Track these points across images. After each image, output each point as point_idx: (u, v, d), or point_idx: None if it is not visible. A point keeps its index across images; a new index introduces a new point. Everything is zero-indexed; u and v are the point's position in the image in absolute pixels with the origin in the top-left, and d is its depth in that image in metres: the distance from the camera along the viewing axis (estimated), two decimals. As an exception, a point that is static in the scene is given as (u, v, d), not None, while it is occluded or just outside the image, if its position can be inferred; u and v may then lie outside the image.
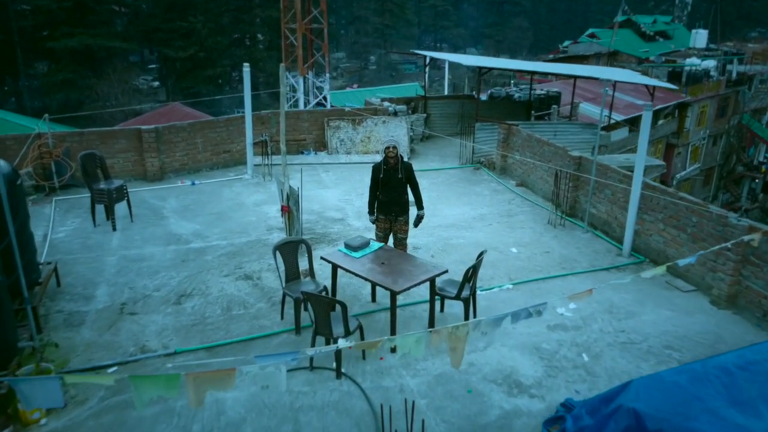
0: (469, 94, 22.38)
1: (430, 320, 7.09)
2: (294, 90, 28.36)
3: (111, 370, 6.35)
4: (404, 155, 8.71)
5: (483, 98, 20.65)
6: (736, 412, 4.35)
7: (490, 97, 21.38)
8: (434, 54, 20.46)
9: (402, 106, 17.47)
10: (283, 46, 28.72)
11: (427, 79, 22.55)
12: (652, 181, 9.38)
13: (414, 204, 8.02)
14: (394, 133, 14.96)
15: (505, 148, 13.77)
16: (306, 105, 27.81)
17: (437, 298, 7.18)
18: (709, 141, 36.34)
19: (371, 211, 8.06)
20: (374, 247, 7.41)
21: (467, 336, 4.40)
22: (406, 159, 8.14)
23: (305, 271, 7.73)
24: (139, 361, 6.52)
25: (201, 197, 12.08)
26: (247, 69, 12.47)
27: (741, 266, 7.65)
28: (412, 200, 7.97)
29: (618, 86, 27.99)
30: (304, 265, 7.61)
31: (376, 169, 7.83)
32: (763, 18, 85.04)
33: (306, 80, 28.75)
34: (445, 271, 6.91)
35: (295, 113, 15.80)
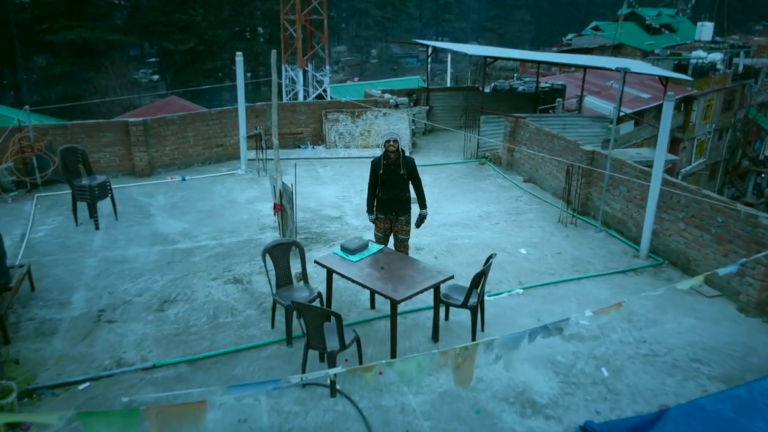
0: (473, 85, 21.73)
1: (434, 331, 6.49)
2: (294, 82, 27.74)
3: (82, 386, 5.75)
4: (406, 149, 8.16)
5: (486, 91, 19.97)
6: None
7: (494, 90, 20.73)
8: (437, 44, 19.77)
9: (403, 98, 16.82)
10: (282, 38, 28.11)
11: (429, 71, 21.90)
12: (670, 177, 8.75)
13: (416, 202, 7.40)
14: (395, 126, 14.31)
15: (512, 142, 13.12)
16: (306, 98, 27.20)
17: (442, 305, 6.58)
18: (714, 135, 35.82)
19: (370, 210, 7.43)
20: (373, 249, 6.78)
21: (476, 356, 3.79)
22: (407, 153, 7.47)
23: (298, 274, 7.14)
24: (114, 377, 5.91)
25: (191, 194, 11.45)
26: (240, 58, 11.82)
27: (773, 270, 7.04)
28: (414, 197, 7.36)
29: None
30: (297, 267, 7.01)
31: (376, 164, 7.20)
32: (767, 11, 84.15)
33: (306, 73, 28.13)
34: (451, 277, 6.29)
35: (291, 105, 15.13)
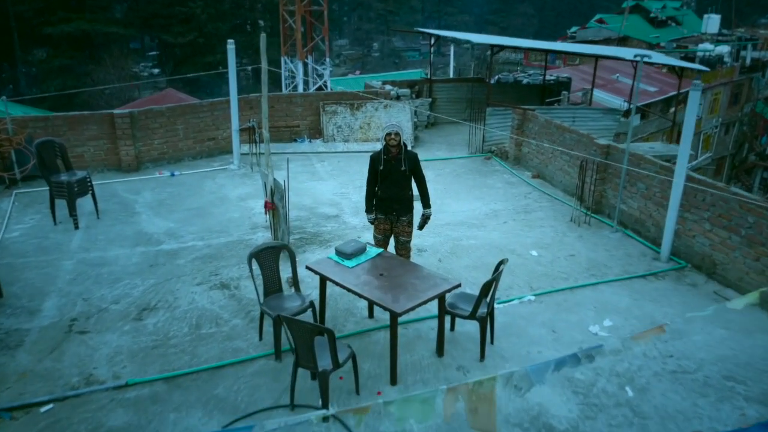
0: (477, 77, 21.04)
1: (439, 344, 5.85)
2: (293, 74, 27.08)
3: (44, 408, 5.12)
4: (408, 143, 7.56)
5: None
6: None
7: (498, 82, 20.06)
8: (441, 32, 19.04)
9: (405, 90, 16.14)
10: (282, 29, 27.46)
11: (431, 61, 21.21)
12: (694, 173, 8.09)
13: (419, 200, 6.76)
14: (396, 118, 13.63)
15: (520, 135, 12.43)
16: (305, 90, 26.53)
17: (447, 315, 5.94)
18: (721, 129, 35.13)
19: (369, 210, 6.78)
20: (371, 253, 6.13)
21: (495, 396, 3.16)
22: (410, 148, 6.80)
23: (290, 279, 6.51)
24: (81, 397, 5.28)
25: (180, 190, 10.79)
26: (231, 46, 11.14)
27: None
28: (417, 195, 6.71)
29: (628, 72, 26.66)
30: (288, 272, 6.36)
31: (375, 159, 6.54)
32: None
33: (306, 65, 27.47)
34: (458, 286, 5.65)
35: (287, 96, 14.44)
